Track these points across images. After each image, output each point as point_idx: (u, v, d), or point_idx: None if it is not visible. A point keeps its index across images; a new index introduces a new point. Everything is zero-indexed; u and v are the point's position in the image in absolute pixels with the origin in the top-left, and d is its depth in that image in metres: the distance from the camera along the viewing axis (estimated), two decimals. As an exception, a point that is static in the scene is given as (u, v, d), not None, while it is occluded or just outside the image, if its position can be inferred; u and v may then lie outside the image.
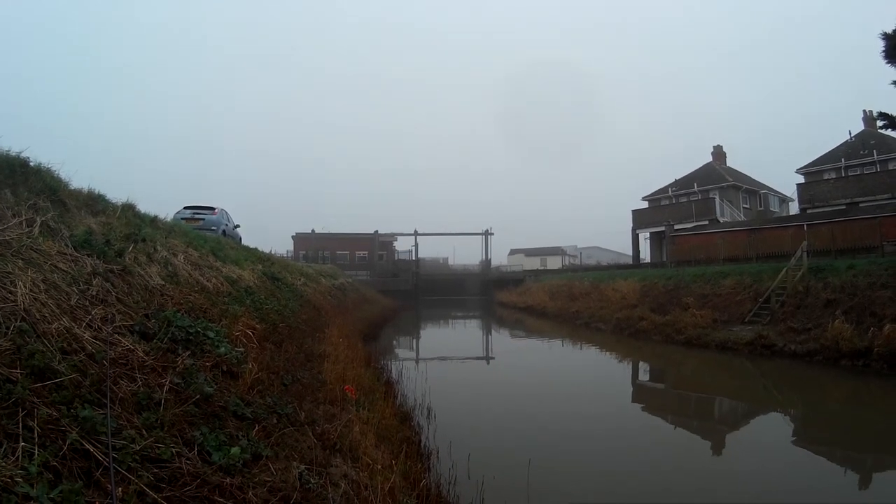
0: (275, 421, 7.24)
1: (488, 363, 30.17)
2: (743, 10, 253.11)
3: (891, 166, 43.87)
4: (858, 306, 23.11)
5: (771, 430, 16.52)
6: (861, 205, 38.95)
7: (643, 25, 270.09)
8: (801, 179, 48.45)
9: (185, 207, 26.39)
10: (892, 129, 24.51)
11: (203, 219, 25.62)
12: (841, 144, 49.56)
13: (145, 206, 14.96)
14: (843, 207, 39.64)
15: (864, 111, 47.98)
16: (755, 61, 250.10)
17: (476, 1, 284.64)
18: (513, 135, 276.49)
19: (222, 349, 8.08)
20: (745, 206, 55.00)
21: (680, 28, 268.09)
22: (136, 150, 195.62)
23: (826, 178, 46.72)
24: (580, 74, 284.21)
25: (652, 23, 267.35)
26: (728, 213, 51.18)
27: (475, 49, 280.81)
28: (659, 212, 56.07)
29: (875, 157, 45.34)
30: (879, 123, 26.11)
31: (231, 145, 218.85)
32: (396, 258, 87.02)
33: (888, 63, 24.10)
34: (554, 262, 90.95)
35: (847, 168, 46.56)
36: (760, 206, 57.55)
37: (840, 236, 32.83)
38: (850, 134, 49.97)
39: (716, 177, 56.08)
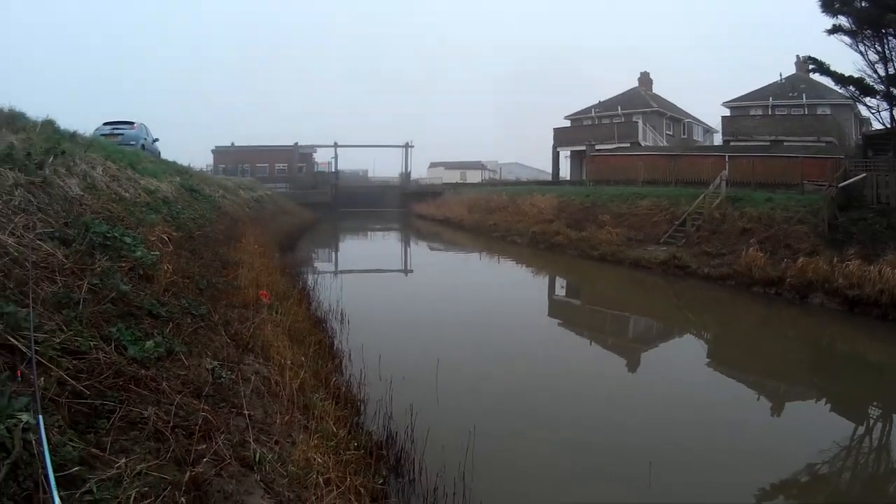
0: (189, 321, 7.41)
1: (406, 275, 30.00)
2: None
3: (819, 111, 44.27)
4: (773, 237, 23.36)
5: (685, 350, 16.69)
6: (785, 143, 39.20)
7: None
8: (727, 113, 48.68)
9: (105, 123, 26.22)
10: (822, 75, 24.62)
11: (122, 133, 25.49)
12: (770, 84, 49.61)
13: (68, 124, 15.45)
14: (767, 144, 39.91)
15: (798, 56, 48.05)
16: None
17: None
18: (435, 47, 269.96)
19: (138, 253, 8.14)
20: (668, 132, 55.01)
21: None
22: (58, 66, 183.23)
23: (752, 114, 47.06)
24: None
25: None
26: (650, 137, 51.15)
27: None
28: (581, 131, 55.53)
29: (804, 100, 45.57)
30: (810, 67, 26.15)
31: (154, 56, 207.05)
32: (316, 170, 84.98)
33: (823, 13, 24.13)
34: (474, 177, 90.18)
35: (774, 107, 46.77)
36: (684, 135, 57.92)
37: (761, 170, 32.92)
38: (780, 76, 50.07)
39: (640, 102, 55.82)
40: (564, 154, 57.33)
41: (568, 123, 59.28)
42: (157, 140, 29.98)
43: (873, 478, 9.20)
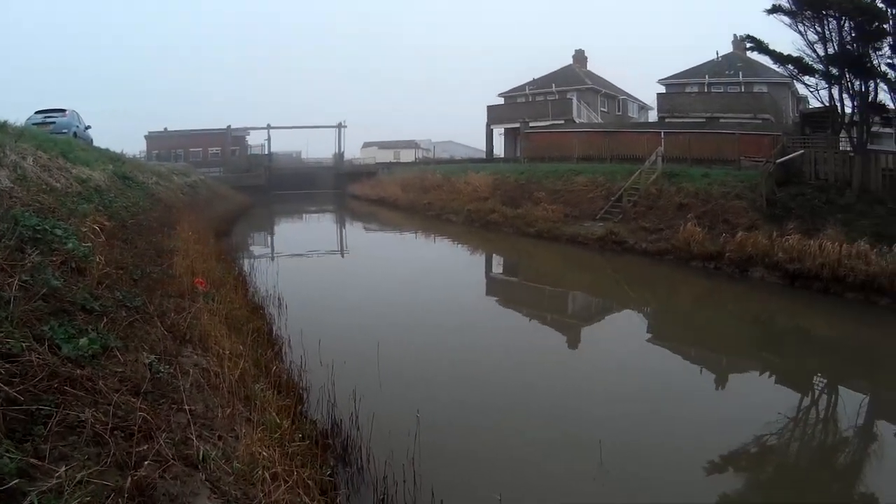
0: (124, 314, 7.06)
1: (342, 257, 29.54)
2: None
3: (755, 89, 44.60)
4: (711, 212, 23.31)
5: (625, 325, 16.50)
6: (721, 120, 39.25)
7: None
8: (663, 90, 48.87)
9: (37, 112, 25.88)
10: (760, 53, 24.60)
11: (55, 122, 25.20)
12: (707, 62, 49.92)
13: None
14: (703, 121, 39.94)
15: (735, 35, 48.31)
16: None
17: None
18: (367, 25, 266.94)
19: (70, 245, 7.88)
20: (603, 109, 54.86)
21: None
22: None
23: (688, 91, 47.25)
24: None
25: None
26: (585, 114, 50.94)
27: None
28: (515, 109, 55.16)
29: (741, 78, 46.01)
30: (747, 46, 26.15)
31: (84, 41, 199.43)
32: (249, 153, 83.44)
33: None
34: (407, 156, 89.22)
35: (710, 85, 47.06)
36: (619, 111, 57.97)
37: (697, 146, 32.92)
38: (717, 54, 50.33)
39: (575, 79, 55.59)
40: (498, 132, 56.95)
41: (501, 101, 58.85)
42: (89, 127, 29.53)
43: (821, 447, 9.32)
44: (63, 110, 26.87)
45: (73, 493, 3.43)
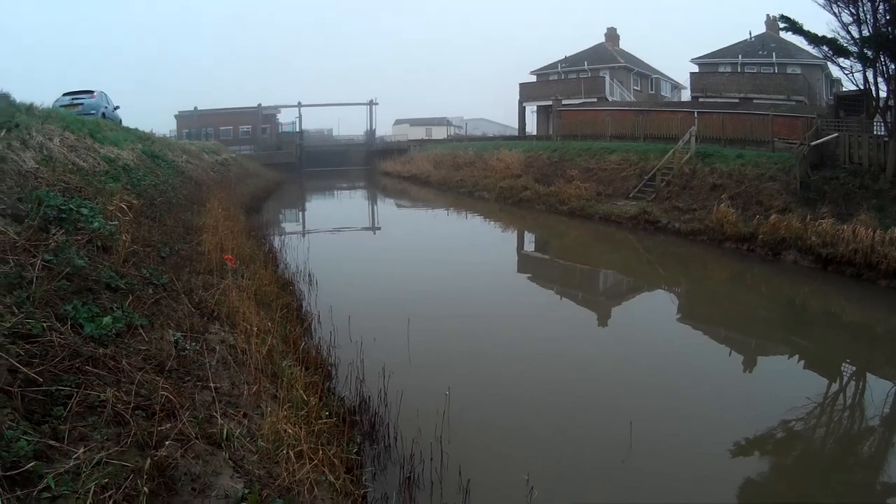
0: (150, 291, 7.15)
1: (374, 233, 29.60)
2: None
3: (788, 70, 43.85)
4: (745, 194, 23.20)
5: (656, 305, 16.50)
6: (755, 101, 38.75)
7: None
8: (696, 69, 47.95)
9: (65, 94, 25.46)
10: (793, 33, 24.18)
11: (82, 103, 24.85)
12: (739, 42, 48.79)
13: (27, 96, 14.94)
14: (736, 101, 39.42)
15: (767, 15, 47.67)
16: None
17: None
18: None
19: (96, 224, 7.84)
20: (635, 88, 54.37)
21: None
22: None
23: (721, 70, 46.37)
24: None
25: None
26: (618, 92, 50.59)
27: None
28: (547, 86, 54.59)
29: (774, 59, 45.10)
30: (781, 26, 25.68)
31: (111, 24, 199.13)
32: (280, 131, 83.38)
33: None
34: (439, 133, 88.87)
35: (743, 65, 46.16)
36: (651, 90, 57.43)
37: (731, 127, 32.54)
38: (750, 34, 49.22)
39: (607, 57, 54.90)
40: (531, 109, 56.52)
41: (534, 79, 58.39)
42: (118, 108, 29.32)
43: (847, 434, 9.17)
44: (91, 91, 26.69)
45: (90, 475, 3.48)
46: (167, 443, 4.17)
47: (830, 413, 9.71)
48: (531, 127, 57.36)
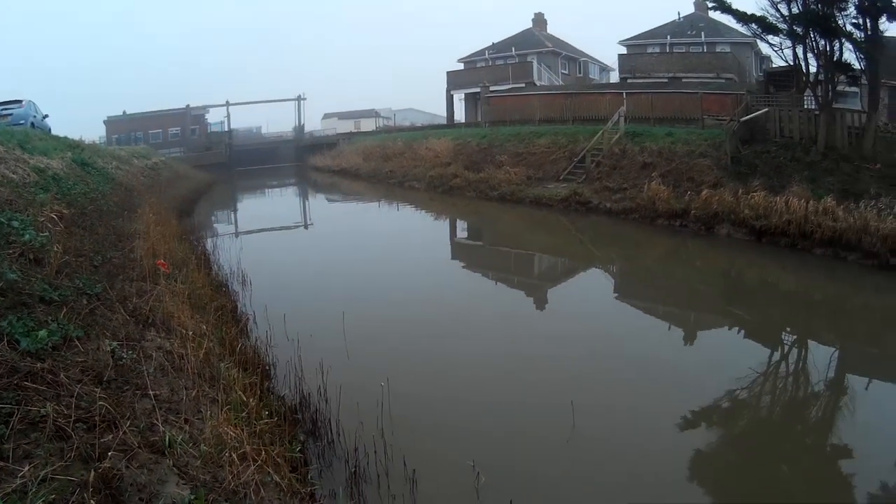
0: (84, 301, 7.00)
1: (306, 229, 29.11)
2: None
3: (718, 49, 44.39)
4: (676, 171, 23.23)
5: (592, 285, 16.40)
6: (684, 80, 39.12)
7: None
8: (624, 51, 48.32)
9: None
10: (722, 12, 24.37)
11: (11, 113, 24.97)
12: (668, 23, 49.47)
13: None
14: (665, 81, 39.90)
15: (696, -5, 48.22)
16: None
17: None
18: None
19: (27, 236, 7.81)
20: (563, 72, 54.58)
21: None
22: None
23: (650, 51, 46.99)
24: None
25: None
26: (546, 77, 50.68)
27: None
28: (475, 73, 54.59)
29: (703, 38, 45.67)
30: (710, 5, 25.95)
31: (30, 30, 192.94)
32: (209, 131, 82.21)
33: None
34: (368, 125, 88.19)
35: (672, 45, 46.77)
36: (580, 73, 57.62)
37: (660, 106, 32.69)
38: (678, 15, 49.83)
39: (535, 42, 55.05)
40: (458, 97, 56.35)
41: (461, 66, 58.25)
42: (46, 116, 29.14)
43: (792, 400, 9.36)
44: (19, 101, 26.37)
45: (37, 493, 3.39)
46: (110, 454, 4.09)
47: (775, 381, 9.82)
48: (460, 115, 57.13)
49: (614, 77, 50.60)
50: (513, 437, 7.67)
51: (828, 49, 20.32)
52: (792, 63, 22.35)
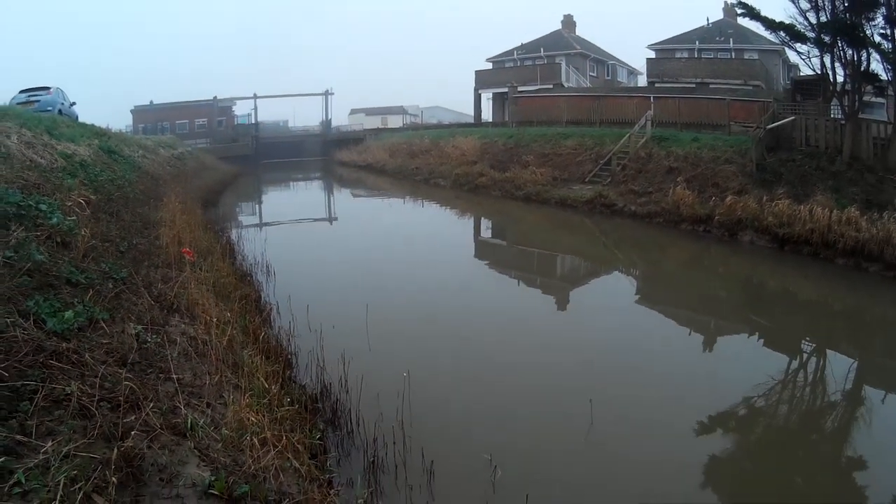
0: (110, 285, 7.15)
1: (331, 223, 29.27)
2: None
3: (746, 56, 44.08)
4: (701, 176, 23.23)
5: (614, 287, 16.44)
6: (711, 86, 38.99)
7: None
8: (652, 55, 48.12)
9: (21, 91, 25.62)
10: (751, 19, 24.32)
11: (39, 100, 24.90)
12: (697, 28, 49.27)
13: None
14: (693, 86, 39.66)
15: (725, 1, 47.62)
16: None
17: None
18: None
19: (55, 220, 7.94)
20: (591, 74, 54.29)
21: None
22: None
23: (678, 56, 46.62)
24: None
25: None
26: (574, 79, 50.59)
27: None
28: (503, 73, 54.44)
29: (731, 45, 45.36)
30: (738, 12, 25.93)
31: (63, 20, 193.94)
32: (236, 124, 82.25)
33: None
34: (395, 122, 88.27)
35: (700, 51, 46.41)
36: (608, 76, 57.44)
37: (686, 111, 32.64)
38: (707, 21, 49.71)
39: (564, 44, 54.90)
40: (486, 96, 56.34)
41: (490, 66, 58.26)
42: (74, 104, 29.07)
43: (809, 410, 9.31)
44: (47, 88, 26.67)
45: (59, 468, 3.43)
46: (133, 433, 4.16)
47: (792, 390, 9.77)
48: (487, 114, 57.16)
49: (642, 81, 50.65)
50: (530, 433, 7.72)
51: (855, 59, 20.25)
52: (819, 72, 22.15)
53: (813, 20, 21.11)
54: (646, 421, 8.08)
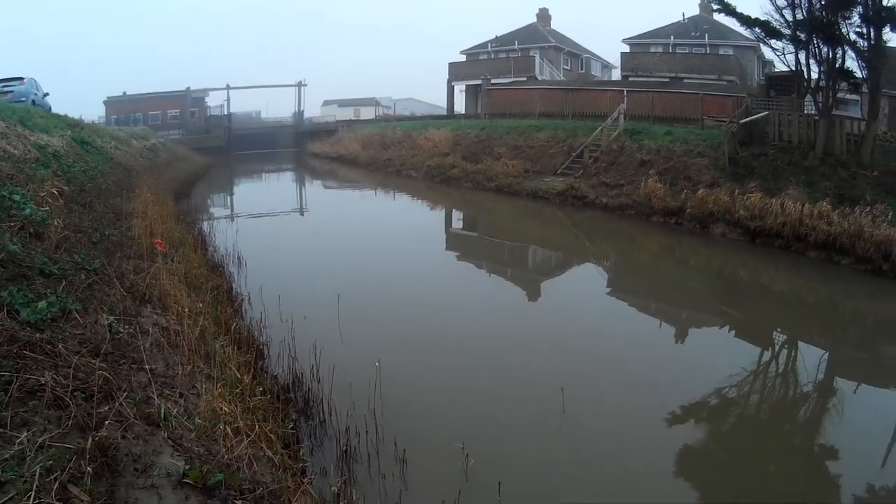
0: (83, 276, 7.18)
1: (302, 215, 29.04)
2: None
3: (721, 51, 44.48)
4: (673, 169, 23.27)
5: (586, 279, 16.37)
6: (686, 80, 39.35)
7: None
8: (627, 49, 48.12)
9: None
10: (726, 15, 24.44)
11: (13, 90, 25.02)
12: (672, 23, 49.48)
13: None
14: (667, 80, 40.02)
15: (701, -3, 48.19)
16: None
17: None
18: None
19: (27, 210, 8.02)
20: (565, 67, 54.61)
21: None
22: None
23: (653, 51, 46.86)
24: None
25: None
26: (548, 72, 50.74)
27: None
28: (476, 65, 54.57)
29: (706, 40, 45.72)
30: (714, 7, 26.06)
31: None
32: (209, 115, 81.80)
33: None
34: (368, 113, 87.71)
35: (675, 45, 46.68)
36: (582, 70, 57.58)
37: (660, 105, 32.93)
38: (683, 16, 50.00)
39: (538, 37, 55.03)
40: (459, 88, 56.19)
41: (464, 58, 58.20)
42: (47, 94, 29.10)
43: (781, 401, 9.37)
44: (21, 78, 26.44)
45: (35, 459, 3.44)
46: (107, 424, 4.18)
47: (764, 380, 9.81)
48: (460, 106, 56.95)
49: (616, 75, 50.54)
50: (502, 421, 7.73)
51: (830, 56, 20.39)
52: (794, 68, 22.31)
53: (789, 17, 21.33)
54: (617, 409, 8.12)
